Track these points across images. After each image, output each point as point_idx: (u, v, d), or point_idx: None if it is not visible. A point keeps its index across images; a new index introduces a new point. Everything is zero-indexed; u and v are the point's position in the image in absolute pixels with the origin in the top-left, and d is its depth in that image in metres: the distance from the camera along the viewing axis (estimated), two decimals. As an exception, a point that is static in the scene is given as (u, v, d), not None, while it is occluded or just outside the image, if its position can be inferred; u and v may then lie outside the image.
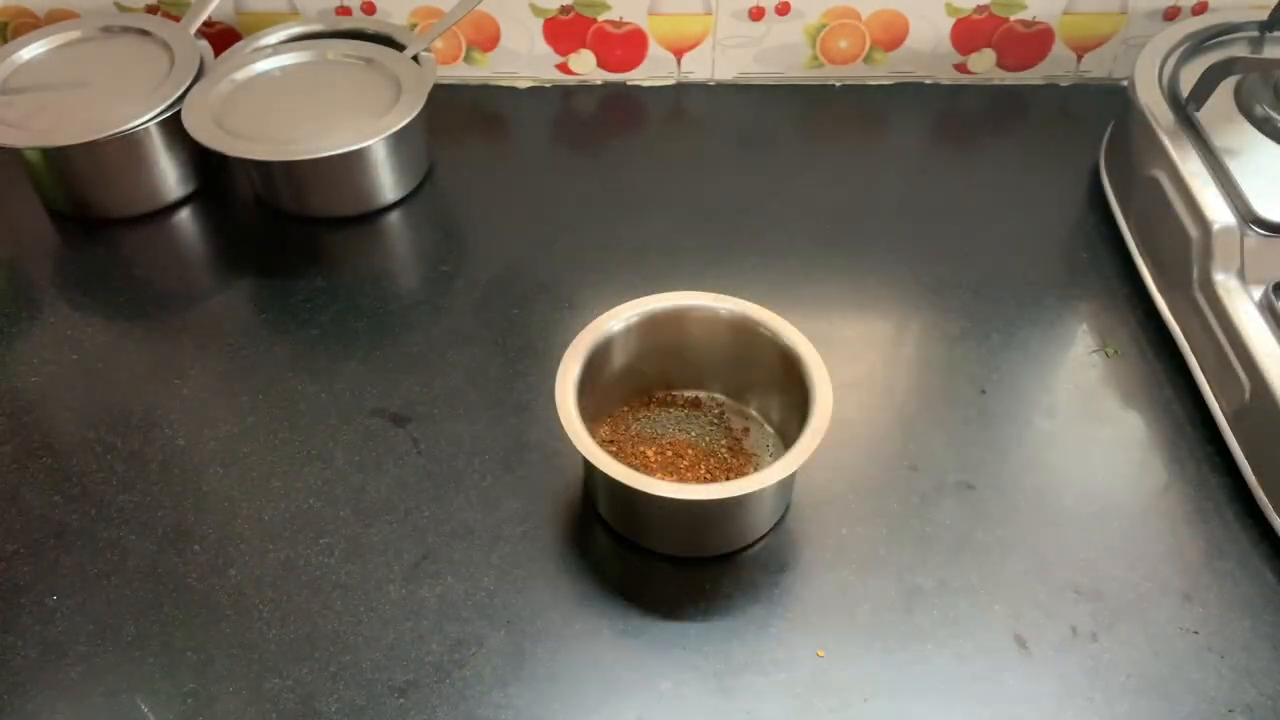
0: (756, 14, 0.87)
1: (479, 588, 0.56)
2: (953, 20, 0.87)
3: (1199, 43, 0.78)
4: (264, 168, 0.78)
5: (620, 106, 0.90)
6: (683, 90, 0.91)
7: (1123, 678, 0.52)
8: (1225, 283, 0.63)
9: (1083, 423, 0.64)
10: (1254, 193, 0.64)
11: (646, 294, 0.59)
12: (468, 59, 0.91)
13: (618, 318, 0.58)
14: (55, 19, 0.89)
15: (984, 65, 0.90)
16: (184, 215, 0.80)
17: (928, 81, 0.91)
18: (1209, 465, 0.61)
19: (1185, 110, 0.71)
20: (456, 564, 0.57)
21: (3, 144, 0.73)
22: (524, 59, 0.90)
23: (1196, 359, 0.65)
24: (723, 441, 0.62)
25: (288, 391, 0.66)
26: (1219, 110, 0.71)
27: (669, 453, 0.61)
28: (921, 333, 0.70)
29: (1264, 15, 0.79)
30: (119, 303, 0.73)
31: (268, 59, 0.81)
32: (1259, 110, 0.71)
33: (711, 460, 0.60)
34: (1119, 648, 0.53)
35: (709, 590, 0.56)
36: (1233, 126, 0.70)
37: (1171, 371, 0.66)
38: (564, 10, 0.87)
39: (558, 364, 0.56)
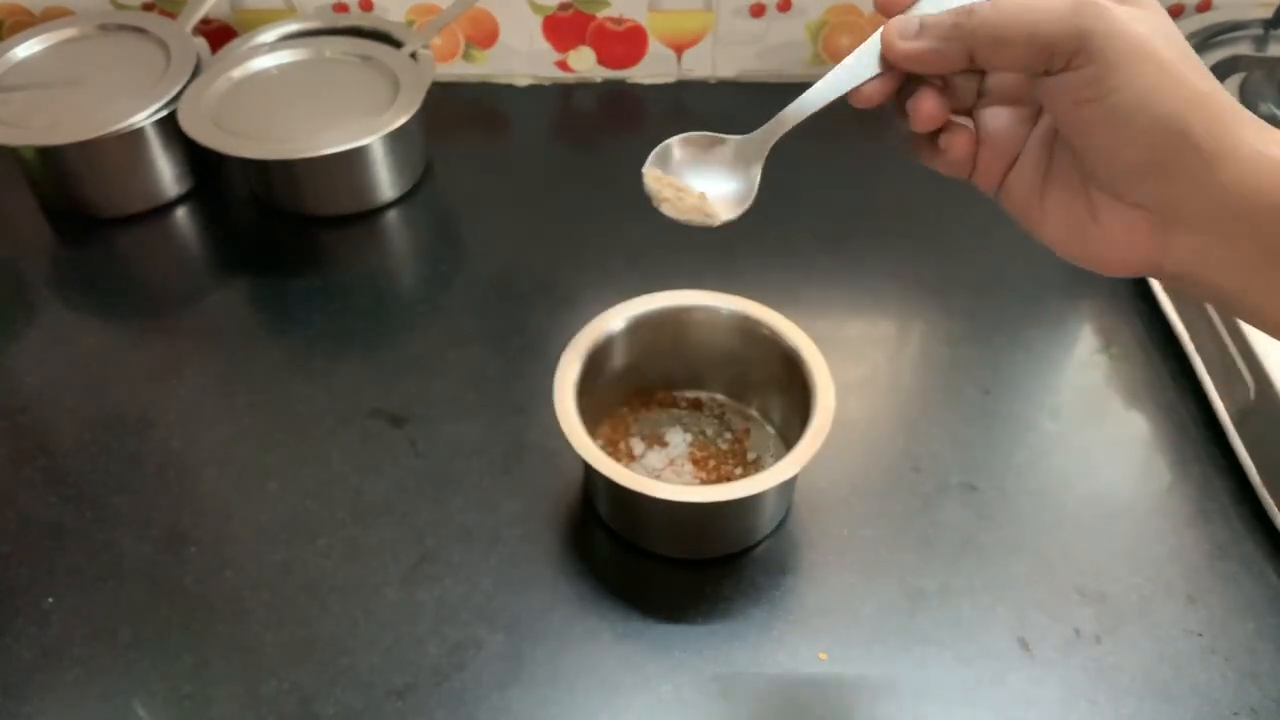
0: (757, 11, 0.86)
1: (477, 590, 0.56)
2: (954, 18, 0.87)
3: (1203, 41, 0.77)
4: (261, 166, 0.77)
5: (620, 104, 0.90)
6: (683, 88, 0.91)
7: (1126, 680, 0.52)
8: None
9: (1086, 423, 0.64)
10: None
11: (646, 294, 0.59)
12: (466, 56, 0.90)
13: (618, 317, 0.58)
14: (51, 16, 0.88)
15: (986, 63, 0.90)
16: (180, 214, 0.80)
17: (929, 79, 0.91)
18: (1213, 466, 0.61)
19: (1189, 108, 0.71)
20: (455, 566, 0.57)
21: (-2, 142, 0.73)
22: (523, 56, 0.90)
23: (1201, 359, 0.64)
24: (724, 443, 0.61)
25: (285, 392, 0.66)
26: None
27: (669, 454, 0.60)
28: (924, 333, 0.70)
29: (1268, 13, 0.78)
30: (115, 302, 0.73)
31: (264, 56, 0.80)
32: (1263, 108, 0.71)
33: (712, 462, 0.60)
34: (1122, 650, 0.53)
35: (710, 593, 0.55)
36: (1237, 125, 0.70)
37: (1175, 372, 0.66)
38: (563, 7, 0.87)
39: (557, 364, 0.55)
